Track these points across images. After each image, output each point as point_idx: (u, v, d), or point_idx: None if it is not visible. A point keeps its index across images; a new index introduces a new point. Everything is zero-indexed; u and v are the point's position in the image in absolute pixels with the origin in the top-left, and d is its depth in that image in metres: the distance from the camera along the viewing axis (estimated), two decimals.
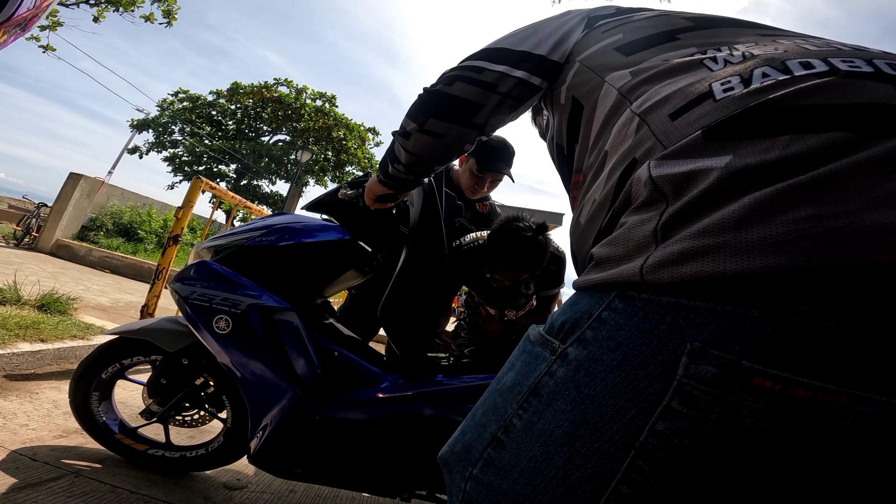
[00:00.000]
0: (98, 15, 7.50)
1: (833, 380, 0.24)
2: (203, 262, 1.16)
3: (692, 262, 0.28)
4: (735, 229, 0.27)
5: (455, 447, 0.40)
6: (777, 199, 0.26)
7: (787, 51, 0.38)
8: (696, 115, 0.35)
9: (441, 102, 0.68)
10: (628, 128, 0.42)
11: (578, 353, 0.32)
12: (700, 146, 0.32)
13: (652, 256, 0.30)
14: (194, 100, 17.31)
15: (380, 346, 1.35)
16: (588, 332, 0.32)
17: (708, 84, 0.37)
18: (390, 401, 1.08)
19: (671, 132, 0.36)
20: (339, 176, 16.74)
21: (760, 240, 0.26)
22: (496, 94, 0.64)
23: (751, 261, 0.26)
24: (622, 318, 0.30)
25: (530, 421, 0.33)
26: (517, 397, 0.35)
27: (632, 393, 0.28)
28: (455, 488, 0.37)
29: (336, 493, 1.45)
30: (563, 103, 0.58)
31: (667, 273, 0.28)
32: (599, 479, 0.28)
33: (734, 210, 0.27)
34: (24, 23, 1.78)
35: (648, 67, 0.46)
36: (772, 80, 0.34)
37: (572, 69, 0.58)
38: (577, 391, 0.30)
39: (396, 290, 1.17)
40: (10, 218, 9.60)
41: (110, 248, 6.92)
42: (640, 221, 0.33)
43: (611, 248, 0.34)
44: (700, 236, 0.28)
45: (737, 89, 0.35)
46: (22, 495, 1.04)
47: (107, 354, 1.28)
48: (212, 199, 13.31)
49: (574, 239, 0.49)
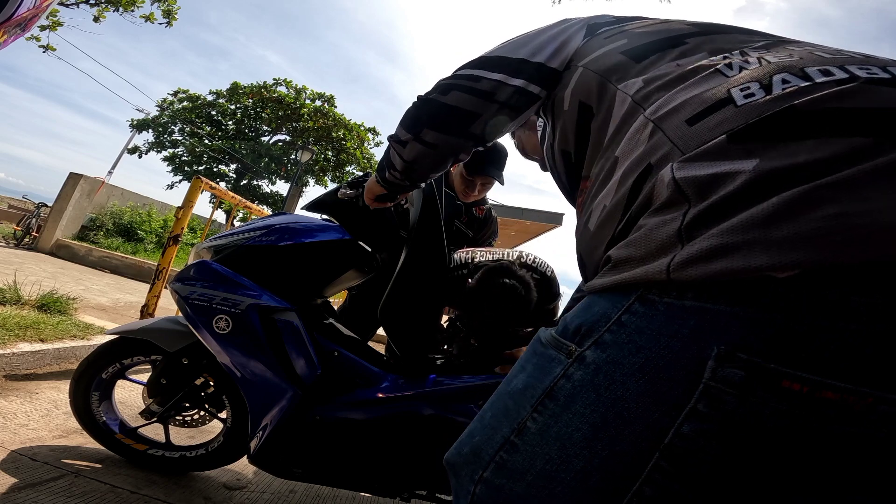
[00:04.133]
0: (98, 15, 7.50)
1: (861, 382, 0.24)
2: (203, 262, 1.16)
3: (722, 259, 0.28)
4: (764, 226, 0.27)
5: (462, 450, 0.40)
6: (805, 197, 0.27)
7: (802, 58, 0.38)
8: (716, 119, 0.36)
9: (436, 112, 0.67)
10: (641, 134, 0.42)
11: (597, 357, 0.32)
12: (725, 149, 0.33)
13: (679, 255, 0.30)
14: (194, 100, 17.32)
15: (380, 346, 1.35)
16: (607, 335, 0.32)
17: (726, 90, 0.38)
18: (390, 401, 1.08)
19: (690, 137, 0.36)
20: (339, 176, 16.74)
21: (790, 236, 0.26)
22: (493, 103, 0.63)
23: (781, 256, 0.26)
24: (643, 322, 0.30)
25: (546, 424, 0.33)
26: (531, 400, 0.35)
27: (654, 396, 0.28)
28: (463, 491, 0.37)
29: (336, 493, 1.45)
30: (566, 109, 0.57)
31: (696, 270, 0.28)
32: (622, 481, 0.29)
33: (763, 209, 0.28)
34: (24, 23, 1.78)
35: (661, 74, 0.46)
36: (793, 86, 0.34)
37: (575, 74, 0.57)
38: (597, 394, 0.31)
39: (396, 290, 1.17)
40: (10, 218, 9.60)
41: (110, 248, 6.92)
42: (661, 223, 0.33)
43: (630, 250, 0.34)
44: (728, 234, 0.28)
45: (758, 95, 0.35)
46: (22, 495, 1.04)
47: (107, 354, 1.28)
48: (212, 199, 13.32)
49: (583, 245, 0.49)
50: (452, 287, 1.32)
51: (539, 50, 0.61)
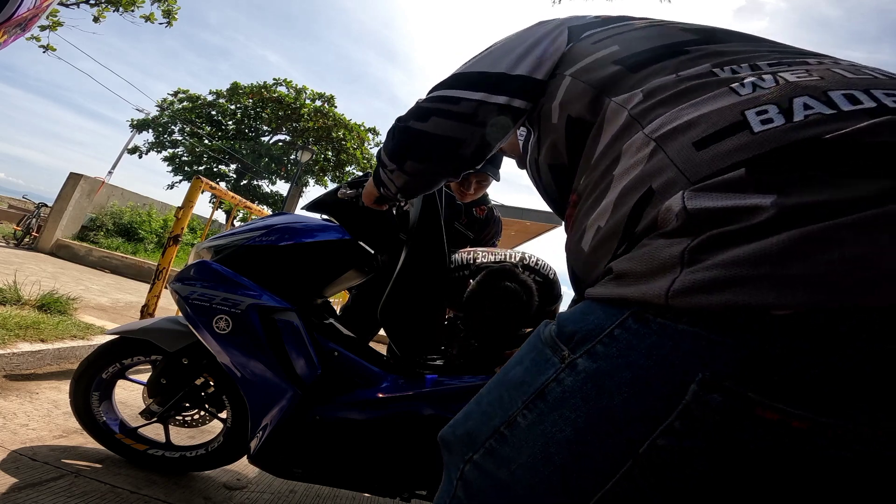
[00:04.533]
0: (98, 15, 7.51)
1: (834, 414, 0.25)
2: (203, 262, 1.16)
3: (725, 292, 0.27)
4: (775, 262, 0.26)
5: (457, 430, 0.42)
6: (823, 236, 0.26)
7: (823, 78, 0.35)
8: (729, 146, 0.33)
9: (416, 143, 0.63)
10: (641, 152, 0.39)
11: (588, 366, 0.33)
12: (741, 181, 0.31)
13: (678, 280, 0.30)
14: (194, 100, 17.32)
15: (380, 346, 1.35)
16: (599, 346, 0.33)
17: (740, 112, 0.35)
18: (390, 401, 1.08)
19: (699, 163, 0.34)
20: (339, 176, 16.74)
21: (802, 274, 0.26)
22: (477, 125, 0.58)
23: (791, 295, 0.26)
24: (635, 339, 0.31)
25: (534, 421, 0.35)
26: (523, 396, 0.36)
27: (637, 410, 0.29)
28: (453, 467, 0.40)
29: (336, 493, 1.45)
30: (555, 122, 0.54)
31: (696, 299, 0.28)
32: (595, 480, 0.31)
33: (775, 243, 0.27)
34: (24, 23, 1.78)
35: (662, 87, 0.43)
36: (816, 113, 0.31)
37: (562, 84, 0.54)
38: (584, 401, 0.32)
39: (396, 290, 1.17)
40: (10, 218, 9.60)
41: (110, 248, 6.92)
42: (668, 244, 0.32)
43: (632, 264, 0.34)
44: (734, 266, 0.28)
45: (777, 121, 0.32)
46: (22, 495, 1.05)
47: (107, 354, 1.28)
48: (212, 199, 13.32)
49: (578, 264, 0.46)
50: (453, 288, 1.32)
51: (520, 60, 0.57)
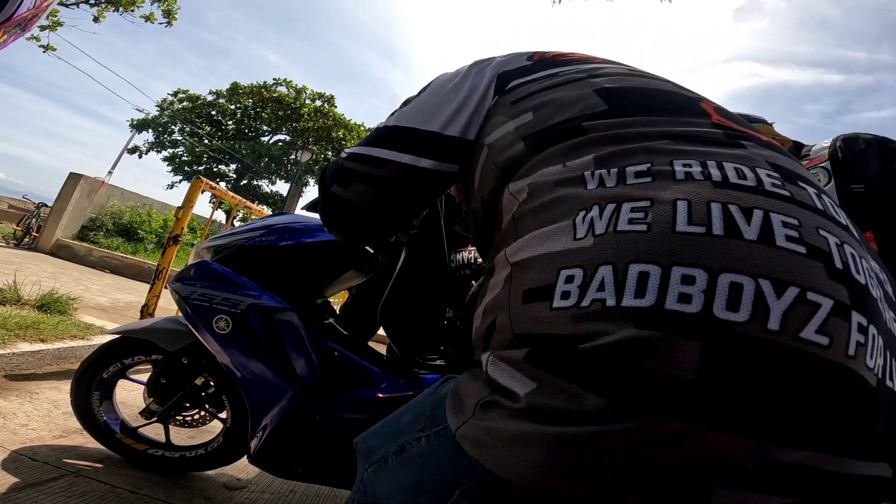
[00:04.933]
0: (98, 15, 7.50)
1: None
2: (203, 262, 1.16)
3: (480, 448, 0.36)
4: (506, 445, 0.33)
5: (369, 441, 0.51)
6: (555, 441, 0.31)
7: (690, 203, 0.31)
8: (533, 313, 0.33)
9: (339, 212, 0.59)
10: (501, 275, 0.38)
11: (420, 448, 0.43)
12: (520, 365, 0.34)
13: (465, 424, 0.38)
14: (194, 100, 17.32)
15: (380, 346, 1.35)
16: (424, 439, 0.43)
17: (557, 270, 0.33)
18: (390, 401, 1.08)
19: (519, 319, 0.34)
20: None
21: (520, 454, 0.32)
22: (402, 193, 0.55)
23: (510, 467, 0.33)
24: (437, 446, 0.42)
25: (394, 466, 0.45)
26: (400, 441, 0.46)
27: (437, 487, 0.39)
28: (360, 469, 0.49)
29: (336, 493, 1.45)
30: (475, 193, 0.51)
31: (465, 443, 0.37)
32: None
33: (512, 429, 0.33)
34: (24, 23, 1.78)
35: (540, 188, 0.39)
36: (600, 301, 0.30)
37: (481, 155, 0.49)
38: (417, 468, 0.42)
39: (396, 290, 1.17)
40: (10, 218, 9.60)
41: (110, 248, 6.92)
42: (477, 390, 0.39)
43: (464, 388, 0.41)
44: (488, 433, 0.35)
45: (570, 300, 0.31)
46: (22, 495, 1.05)
47: (108, 354, 1.29)
48: (212, 199, 13.31)
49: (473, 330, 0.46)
50: (454, 288, 1.32)
51: (453, 118, 0.52)
